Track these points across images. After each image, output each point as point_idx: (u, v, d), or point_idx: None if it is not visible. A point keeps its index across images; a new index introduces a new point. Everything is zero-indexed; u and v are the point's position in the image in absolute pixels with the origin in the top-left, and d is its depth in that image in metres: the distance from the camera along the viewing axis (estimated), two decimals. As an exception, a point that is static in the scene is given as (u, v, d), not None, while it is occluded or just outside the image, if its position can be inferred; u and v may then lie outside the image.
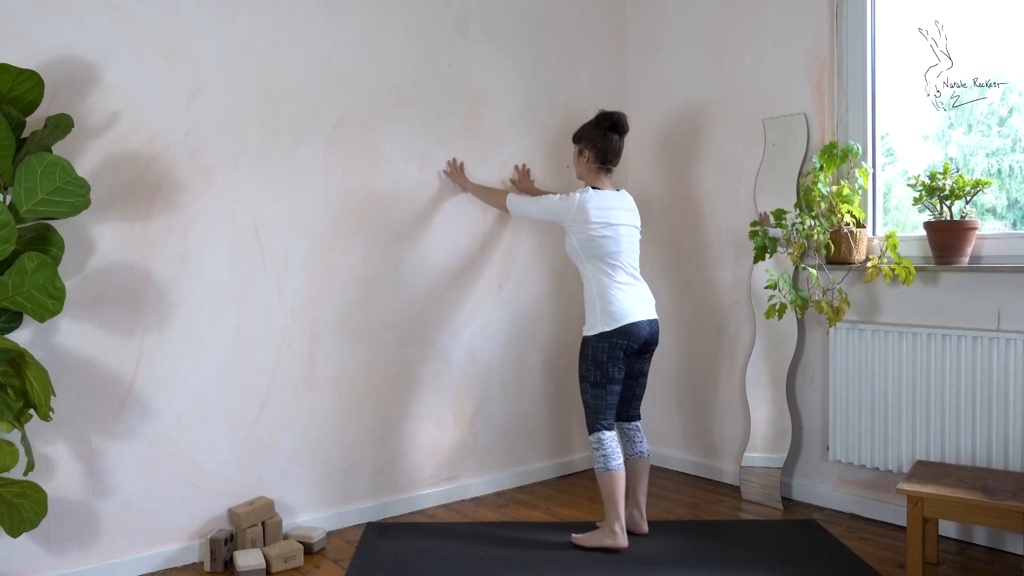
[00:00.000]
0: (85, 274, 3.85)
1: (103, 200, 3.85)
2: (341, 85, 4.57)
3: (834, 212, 4.46)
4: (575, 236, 4.26)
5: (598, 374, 4.20)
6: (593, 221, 4.20)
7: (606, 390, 4.21)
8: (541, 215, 4.43)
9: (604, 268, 4.23)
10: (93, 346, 3.88)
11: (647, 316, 4.26)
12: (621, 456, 4.20)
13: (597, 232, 4.20)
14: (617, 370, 4.20)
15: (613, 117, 4.33)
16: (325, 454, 4.59)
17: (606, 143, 4.32)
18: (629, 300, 4.21)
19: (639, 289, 4.30)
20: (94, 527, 3.91)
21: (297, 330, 4.46)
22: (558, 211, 4.31)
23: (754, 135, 5.09)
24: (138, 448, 4.01)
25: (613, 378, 4.20)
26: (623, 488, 4.18)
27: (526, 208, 4.52)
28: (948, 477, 3.81)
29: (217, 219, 4.19)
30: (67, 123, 3.55)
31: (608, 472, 4.15)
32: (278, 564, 4.03)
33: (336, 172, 4.56)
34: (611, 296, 4.19)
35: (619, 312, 4.17)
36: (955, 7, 4.29)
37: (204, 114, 4.14)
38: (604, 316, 4.18)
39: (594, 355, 4.20)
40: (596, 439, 4.20)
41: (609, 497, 4.17)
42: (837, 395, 4.64)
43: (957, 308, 4.23)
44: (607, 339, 4.16)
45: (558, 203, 4.31)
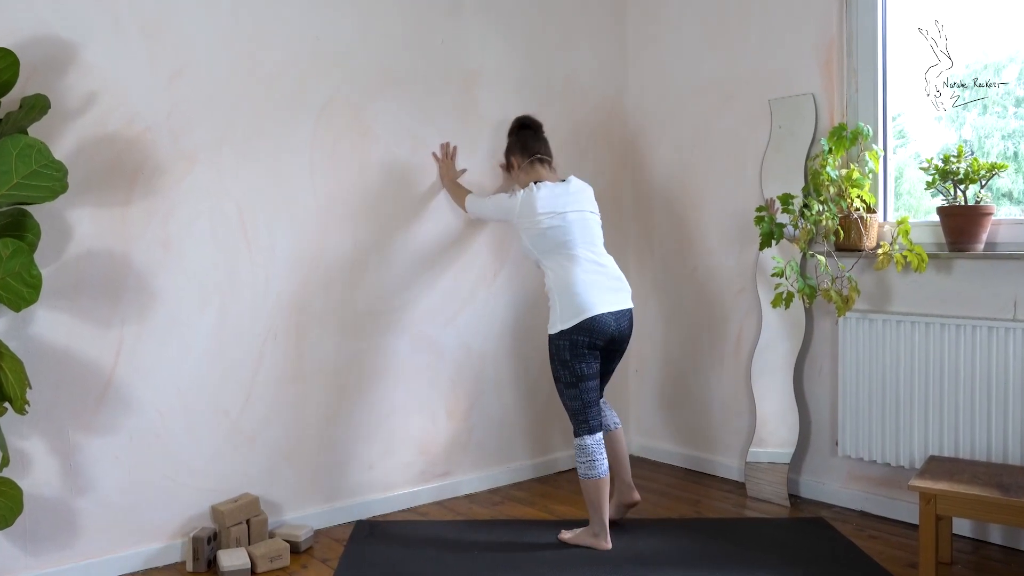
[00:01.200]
0: (62, 261, 3.83)
1: (81, 184, 3.82)
2: (329, 65, 4.54)
3: (843, 197, 4.45)
4: (525, 234, 4.31)
5: (566, 373, 4.17)
6: (540, 212, 4.23)
7: (579, 388, 4.17)
8: (494, 213, 4.57)
9: (561, 261, 4.22)
10: (71, 336, 3.86)
11: (614, 307, 4.19)
12: (606, 462, 4.18)
13: (546, 223, 4.23)
14: (586, 365, 4.16)
15: (519, 119, 4.69)
16: (312, 449, 4.58)
17: (521, 139, 4.56)
18: (592, 291, 4.16)
19: (604, 276, 4.25)
20: (72, 525, 3.89)
21: (283, 320, 4.44)
22: (507, 209, 4.41)
23: (760, 117, 5.07)
24: (118, 443, 3.99)
25: (583, 374, 4.16)
26: (607, 495, 4.18)
27: (481, 208, 4.66)
28: (962, 473, 3.80)
29: (200, 204, 4.17)
30: (44, 104, 3.52)
31: (590, 479, 4.14)
32: (263, 564, 4.02)
33: (324, 155, 4.54)
34: (571, 289, 4.15)
35: (580, 304, 4.12)
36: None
37: (187, 95, 4.11)
38: (564, 311, 4.14)
39: (558, 354, 4.17)
40: (578, 445, 4.19)
41: (592, 503, 4.17)
42: (847, 387, 4.62)
43: (972, 297, 4.21)
44: (567, 337, 4.12)
45: (506, 201, 4.42)
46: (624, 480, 4.48)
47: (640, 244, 5.78)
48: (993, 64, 4.35)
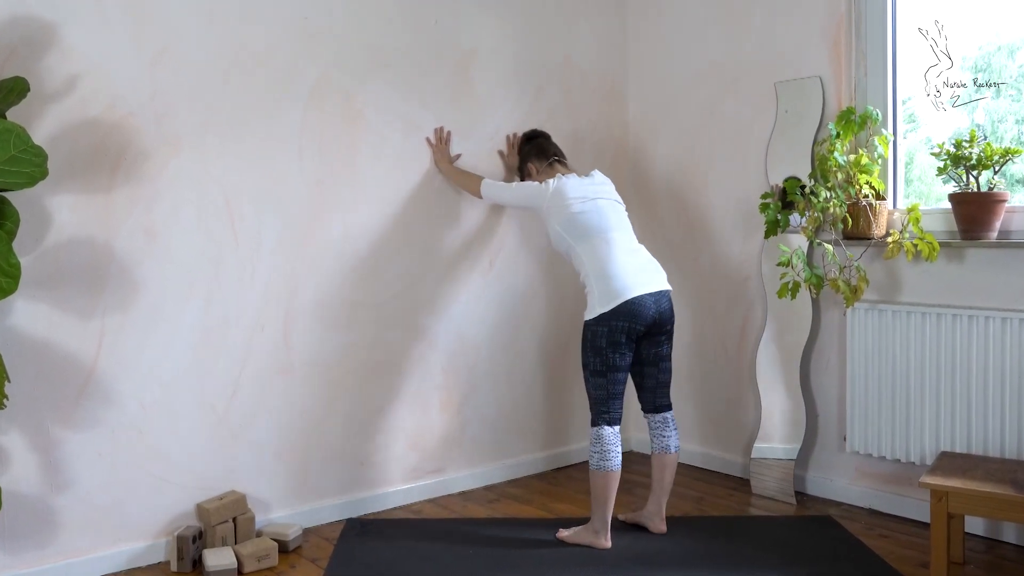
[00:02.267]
0: (42, 250, 3.81)
1: (62, 170, 3.81)
2: (319, 45, 4.52)
3: (852, 183, 4.43)
4: (556, 221, 4.34)
5: (597, 361, 4.15)
6: (571, 196, 4.32)
7: (607, 379, 4.15)
8: (516, 200, 4.63)
9: (595, 245, 4.23)
10: (50, 328, 3.85)
11: (653, 288, 4.18)
12: (619, 456, 4.15)
13: (578, 208, 4.29)
14: (619, 356, 4.13)
15: (526, 134, 5.02)
16: (301, 445, 4.57)
17: (536, 146, 4.79)
18: (630, 273, 4.16)
19: (641, 258, 4.28)
20: (51, 523, 3.88)
21: (271, 311, 4.42)
22: (535, 195, 4.47)
23: (765, 100, 5.05)
24: (99, 438, 3.98)
25: (615, 365, 4.14)
26: (614, 491, 4.15)
27: (501, 194, 4.71)
28: (975, 470, 3.79)
29: (185, 191, 4.15)
30: (22, 87, 3.50)
31: (600, 471, 4.12)
32: (250, 563, 4.01)
33: (313, 140, 4.52)
34: (607, 272, 4.14)
35: (619, 288, 4.11)
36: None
37: (170, 77, 4.09)
38: (602, 296, 4.13)
39: (592, 341, 4.15)
40: (595, 434, 4.16)
41: (597, 497, 4.15)
42: (855, 381, 4.61)
43: (985, 287, 4.20)
44: (605, 323, 4.09)
45: (535, 188, 4.48)
46: (659, 507, 4.40)
47: (641, 232, 5.71)
48: (1007, 46, 4.33)
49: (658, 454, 4.37)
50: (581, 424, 5.66)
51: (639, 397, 4.44)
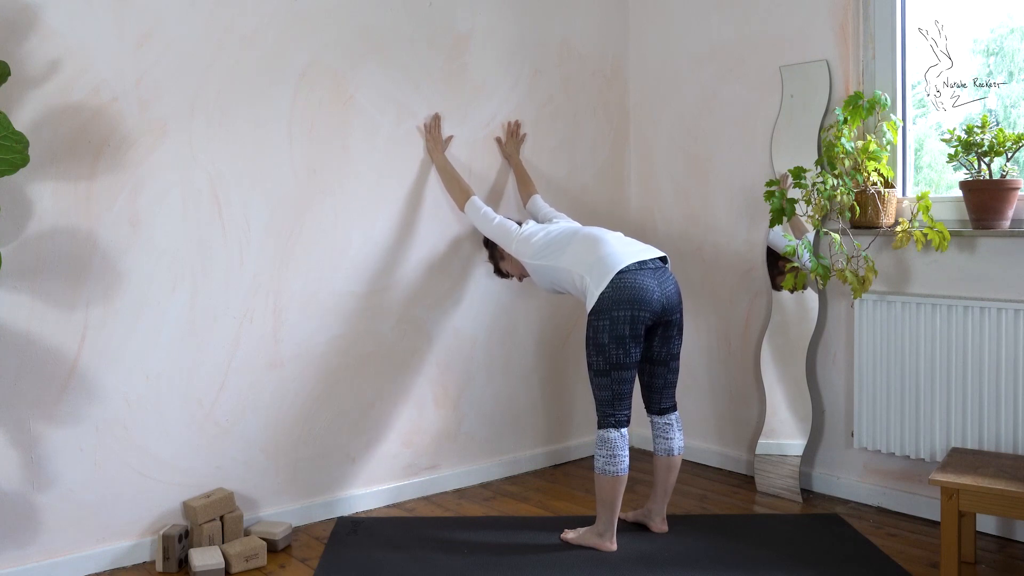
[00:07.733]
0: (23, 239, 3.82)
1: (43, 157, 3.81)
2: (308, 27, 4.52)
3: (859, 170, 4.44)
4: (532, 250, 4.45)
5: (600, 359, 4.08)
6: (540, 225, 4.60)
7: (611, 377, 4.08)
8: (493, 235, 4.72)
9: (577, 242, 4.30)
10: (31, 320, 3.85)
11: (646, 255, 4.15)
12: (627, 460, 4.11)
13: (550, 227, 4.53)
14: (623, 352, 4.05)
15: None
16: (291, 441, 4.58)
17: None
18: (619, 247, 4.18)
19: (627, 238, 4.36)
20: (33, 522, 3.89)
21: (259, 302, 4.43)
22: (507, 235, 4.61)
23: (770, 85, 5.06)
24: (82, 434, 3.99)
25: (619, 362, 4.06)
26: (621, 495, 4.14)
27: (482, 223, 4.75)
28: (987, 466, 3.80)
29: (170, 178, 4.16)
30: (3, 71, 3.49)
31: (608, 476, 4.09)
32: (238, 563, 4.03)
33: (303, 125, 4.52)
34: (598, 253, 4.15)
35: (611, 262, 4.08)
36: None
37: (155, 61, 4.09)
38: (597, 277, 4.07)
39: (595, 337, 4.07)
40: (601, 437, 4.11)
41: (603, 501, 4.13)
42: (863, 375, 4.63)
43: (997, 277, 4.22)
44: (607, 313, 4.01)
45: (512, 229, 4.60)
46: (660, 508, 4.42)
47: (642, 221, 5.78)
48: (1021, 28, 4.34)
49: (662, 457, 4.35)
50: (581, 419, 5.68)
51: (644, 397, 4.39)
